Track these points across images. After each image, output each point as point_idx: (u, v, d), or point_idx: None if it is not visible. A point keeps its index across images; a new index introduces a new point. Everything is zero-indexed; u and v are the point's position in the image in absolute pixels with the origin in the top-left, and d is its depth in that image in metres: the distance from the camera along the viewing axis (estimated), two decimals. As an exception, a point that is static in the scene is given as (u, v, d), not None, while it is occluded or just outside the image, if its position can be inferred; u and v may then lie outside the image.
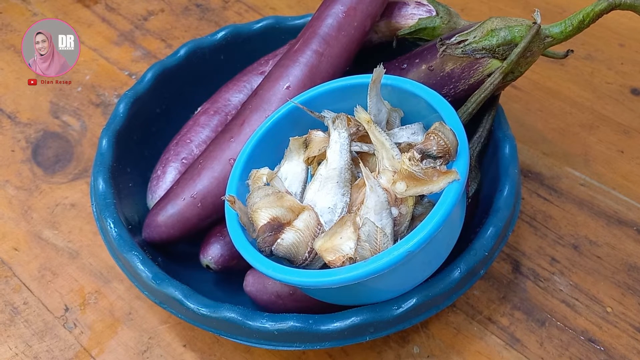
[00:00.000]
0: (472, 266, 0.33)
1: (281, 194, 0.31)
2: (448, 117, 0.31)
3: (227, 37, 0.46)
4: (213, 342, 0.38)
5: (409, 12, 0.41)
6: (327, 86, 0.36)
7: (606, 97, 0.51)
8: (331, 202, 0.31)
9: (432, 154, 0.29)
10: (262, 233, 0.30)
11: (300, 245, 0.30)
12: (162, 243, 0.38)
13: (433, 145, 0.29)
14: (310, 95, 0.36)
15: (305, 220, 0.31)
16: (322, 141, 0.33)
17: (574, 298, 0.40)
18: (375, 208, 0.30)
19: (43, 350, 0.38)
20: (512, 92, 0.51)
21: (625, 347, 0.37)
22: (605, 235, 0.42)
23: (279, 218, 0.30)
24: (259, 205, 0.31)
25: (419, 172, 0.29)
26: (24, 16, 0.61)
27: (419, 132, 0.33)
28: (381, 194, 0.30)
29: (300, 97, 0.36)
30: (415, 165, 0.29)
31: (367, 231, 0.29)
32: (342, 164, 0.32)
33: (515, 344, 0.38)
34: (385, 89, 0.34)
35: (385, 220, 0.30)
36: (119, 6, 0.62)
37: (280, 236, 0.30)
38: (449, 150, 0.29)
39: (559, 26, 0.35)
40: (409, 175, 0.29)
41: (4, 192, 0.47)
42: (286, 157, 0.34)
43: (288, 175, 0.34)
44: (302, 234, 0.30)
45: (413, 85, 0.34)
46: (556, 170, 0.46)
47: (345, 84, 0.35)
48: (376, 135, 0.32)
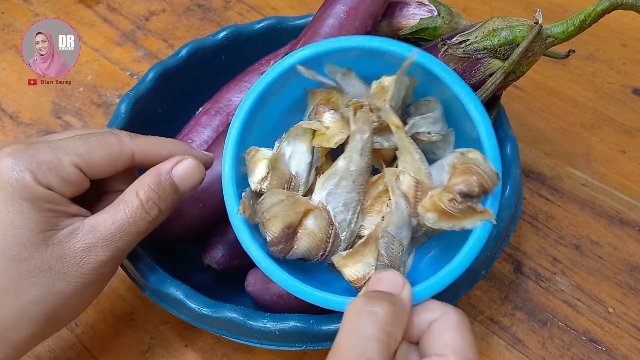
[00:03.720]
0: (474, 266, 0.33)
1: (295, 198, 0.30)
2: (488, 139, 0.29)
3: (229, 37, 0.46)
4: (214, 342, 0.38)
5: (411, 12, 0.41)
6: (338, 43, 0.31)
7: (608, 97, 0.51)
8: (345, 201, 0.30)
9: (473, 195, 0.28)
10: (276, 244, 0.29)
11: (314, 248, 0.30)
12: (164, 243, 0.38)
13: (475, 188, 0.27)
14: (319, 51, 0.31)
15: (317, 220, 0.30)
16: (338, 130, 0.30)
17: (575, 298, 0.39)
18: (397, 223, 0.29)
19: (45, 350, 0.38)
20: (514, 92, 0.51)
21: (627, 348, 0.37)
22: (607, 235, 0.42)
23: (292, 223, 0.29)
24: (272, 213, 0.29)
25: (456, 211, 0.28)
26: (26, 16, 0.61)
27: (439, 120, 0.31)
28: (404, 209, 0.29)
29: (301, 52, 0.31)
30: (453, 207, 0.28)
31: (385, 243, 0.29)
32: (362, 165, 0.30)
33: (516, 344, 0.38)
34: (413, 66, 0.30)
35: (404, 232, 0.29)
36: (121, 6, 0.62)
37: (295, 244, 0.30)
38: (488, 189, 0.28)
39: (561, 26, 0.35)
40: (444, 211, 0.28)
41: (6, 192, 0.47)
42: (290, 134, 0.32)
43: (293, 155, 0.31)
44: (315, 236, 0.30)
45: (448, 73, 0.30)
46: (558, 170, 0.46)
47: (360, 44, 0.30)
48: (405, 144, 0.30)
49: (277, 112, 0.33)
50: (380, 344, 0.23)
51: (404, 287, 0.27)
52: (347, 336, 0.24)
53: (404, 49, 0.30)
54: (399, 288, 0.27)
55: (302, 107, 0.33)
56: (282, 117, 0.33)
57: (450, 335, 0.25)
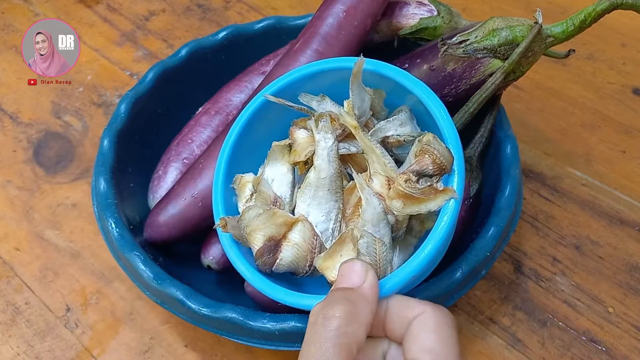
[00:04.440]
0: (474, 266, 0.33)
1: (272, 211, 0.30)
2: (442, 121, 0.30)
3: (229, 37, 0.46)
4: (214, 342, 0.38)
5: (411, 11, 0.41)
6: (301, 71, 0.34)
7: (608, 97, 0.51)
8: (325, 210, 0.31)
9: (428, 174, 0.28)
10: (260, 256, 0.30)
11: (300, 260, 0.30)
12: (164, 243, 0.38)
13: (429, 165, 0.28)
14: (284, 83, 0.34)
15: (301, 232, 0.30)
16: (307, 144, 0.32)
17: (575, 298, 0.39)
18: (372, 220, 0.29)
19: (44, 350, 0.38)
20: (514, 92, 0.51)
21: (627, 348, 0.37)
22: (607, 235, 0.42)
23: (274, 236, 0.30)
24: (252, 227, 0.30)
25: (416, 192, 0.28)
26: (26, 16, 0.61)
27: (407, 122, 0.32)
28: (377, 204, 0.29)
29: (273, 86, 0.34)
30: (411, 187, 0.28)
31: (366, 243, 0.28)
32: (331, 171, 0.31)
33: (516, 344, 0.38)
34: (365, 73, 0.32)
35: (383, 230, 0.29)
36: (121, 6, 0.62)
37: (279, 256, 0.30)
38: (445, 167, 0.28)
39: (561, 26, 0.35)
40: (406, 195, 0.28)
41: (6, 193, 0.47)
42: (270, 158, 0.33)
43: (275, 177, 0.33)
44: (299, 248, 0.30)
45: (398, 73, 0.32)
46: (558, 170, 0.46)
47: (318, 68, 0.33)
48: (365, 142, 0.31)
49: (263, 146, 0.34)
50: (337, 348, 0.23)
51: (367, 276, 0.26)
52: (307, 344, 0.24)
53: (352, 61, 0.32)
54: (361, 279, 0.26)
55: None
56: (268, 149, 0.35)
57: (426, 336, 0.24)
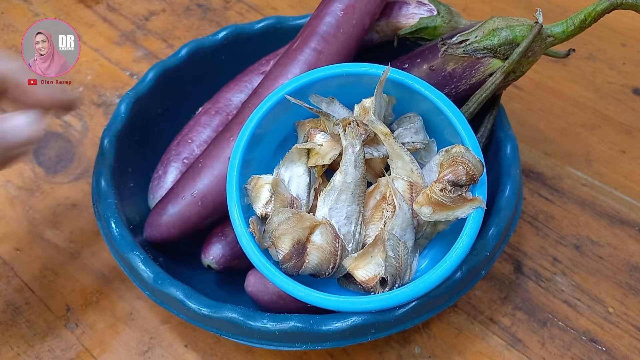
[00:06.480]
0: (474, 266, 0.33)
1: (300, 215, 0.31)
2: (465, 133, 0.32)
3: (229, 37, 0.46)
4: (214, 342, 0.38)
5: (410, 11, 0.41)
6: (319, 73, 0.34)
7: (608, 97, 0.51)
8: (347, 214, 0.32)
9: (461, 184, 0.30)
10: (288, 259, 0.31)
11: (324, 262, 0.31)
12: (164, 243, 0.38)
13: (462, 176, 0.30)
14: (302, 83, 0.34)
15: (324, 235, 0.31)
16: (330, 147, 0.33)
17: (575, 298, 0.39)
18: (402, 224, 0.31)
19: (45, 350, 0.38)
20: (514, 91, 0.51)
21: (627, 348, 0.37)
22: (607, 235, 0.42)
23: (300, 239, 0.31)
24: (280, 231, 0.31)
25: (448, 200, 0.30)
26: (26, 17, 0.61)
27: (420, 130, 0.34)
28: (407, 210, 0.31)
29: (291, 85, 0.34)
30: (445, 196, 0.30)
31: (391, 245, 0.30)
32: (357, 176, 0.32)
33: (516, 344, 0.38)
34: (375, 79, 0.33)
35: (409, 234, 0.32)
36: (121, 6, 0.62)
37: (306, 259, 0.31)
38: (476, 177, 0.31)
39: (561, 26, 0.35)
40: (437, 202, 0.30)
41: (6, 192, 0.47)
42: (287, 159, 0.34)
43: (292, 179, 0.34)
44: (323, 251, 0.31)
45: (422, 85, 0.33)
46: (558, 170, 0.46)
47: (340, 71, 0.34)
48: (395, 149, 0.32)
49: (270, 148, 0.36)
50: None
51: None
52: None
53: (378, 69, 0.33)
54: None
55: (293, 142, 0.36)
56: (275, 152, 0.36)
57: None
